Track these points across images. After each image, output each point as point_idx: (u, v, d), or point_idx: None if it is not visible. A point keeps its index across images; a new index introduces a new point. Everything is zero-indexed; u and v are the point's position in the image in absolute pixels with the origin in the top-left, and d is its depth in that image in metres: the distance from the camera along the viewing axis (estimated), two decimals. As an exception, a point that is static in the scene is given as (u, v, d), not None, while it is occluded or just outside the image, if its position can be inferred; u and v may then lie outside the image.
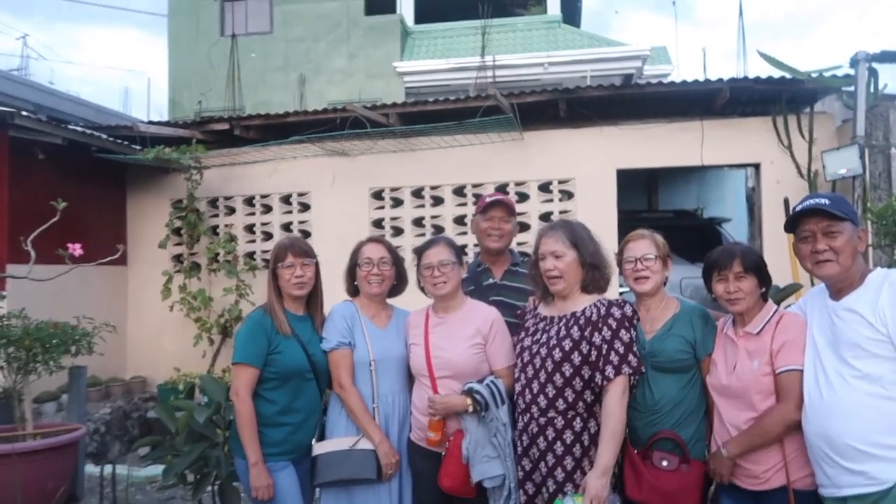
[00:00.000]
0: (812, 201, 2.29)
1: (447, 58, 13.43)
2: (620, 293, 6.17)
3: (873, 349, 2.13)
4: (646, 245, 2.67)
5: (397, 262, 2.95)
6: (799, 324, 2.40)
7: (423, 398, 2.72)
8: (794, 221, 2.32)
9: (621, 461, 2.57)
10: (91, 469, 4.78)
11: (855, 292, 2.23)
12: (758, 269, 2.45)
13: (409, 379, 2.91)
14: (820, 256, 2.24)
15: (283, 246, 2.86)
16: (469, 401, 2.58)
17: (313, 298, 2.94)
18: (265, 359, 2.71)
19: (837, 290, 2.28)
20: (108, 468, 4.16)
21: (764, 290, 2.48)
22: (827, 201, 2.25)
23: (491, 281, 3.19)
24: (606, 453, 2.35)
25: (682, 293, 5.67)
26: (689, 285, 6.61)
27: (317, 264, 2.90)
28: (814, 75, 5.56)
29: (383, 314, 2.95)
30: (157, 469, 5.03)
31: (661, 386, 2.58)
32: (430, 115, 6.30)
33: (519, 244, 6.32)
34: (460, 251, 2.90)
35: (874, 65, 5.44)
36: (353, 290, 2.97)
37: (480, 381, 2.63)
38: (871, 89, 5.45)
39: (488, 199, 3.22)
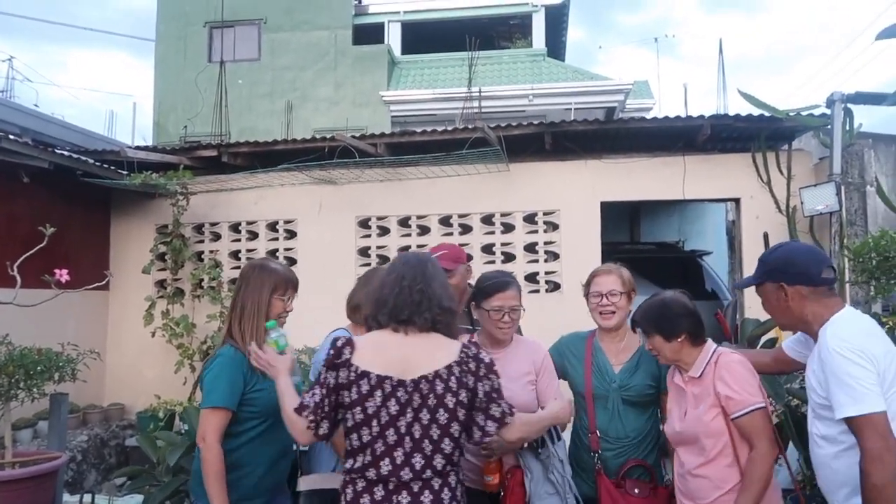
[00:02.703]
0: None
1: (433, 88, 13.61)
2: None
3: (821, 412, 2.14)
4: (612, 281, 2.74)
5: None
6: (736, 361, 2.38)
7: None
8: None
9: (597, 490, 2.66)
10: (68, 498, 4.68)
11: (816, 347, 2.20)
12: (652, 325, 2.46)
13: None
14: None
15: (287, 279, 2.64)
16: None
17: None
18: (240, 399, 2.45)
19: (812, 336, 2.26)
20: (86, 497, 4.08)
21: (683, 336, 2.42)
22: (754, 270, 2.36)
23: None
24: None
25: (665, 325, 5.74)
26: (671, 317, 6.68)
27: None
28: (791, 114, 5.72)
29: None
30: (134, 499, 4.94)
31: (631, 418, 2.68)
32: (417, 145, 6.38)
33: (504, 274, 6.38)
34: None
35: (849, 105, 5.61)
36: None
37: None
38: (847, 128, 5.62)
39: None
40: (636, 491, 2.57)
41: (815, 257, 2.26)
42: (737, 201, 6.27)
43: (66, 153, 6.07)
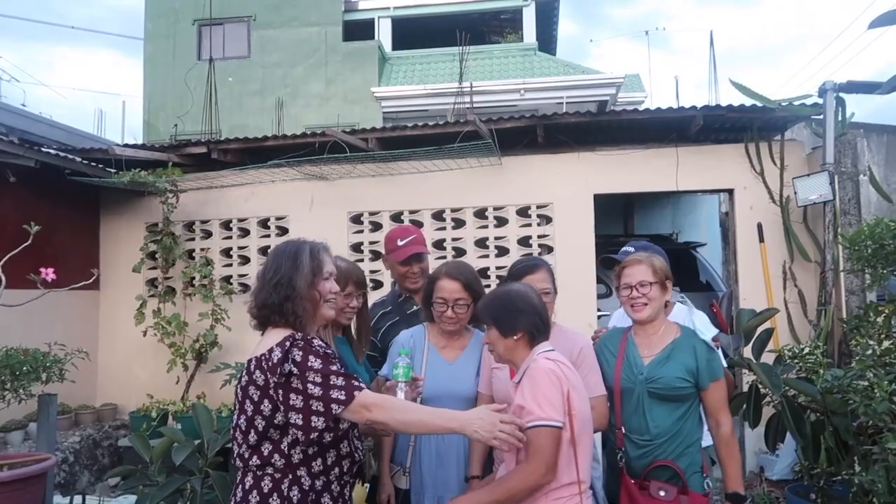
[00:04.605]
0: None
1: (425, 83, 13.56)
2: (599, 316, 6.20)
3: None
4: (642, 271, 2.59)
5: (477, 297, 2.67)
6: (543, 370, 2.13)
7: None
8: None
9: (617, 491, 2.51)
10: (59, 500, 4.63)
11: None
12: (490, 317, 2.28)
13: None
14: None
15: (347, 274, 2.67)
16: None
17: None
18: None
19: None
20: (77, 498, 4.03)
21: (520, 335, 2.21)
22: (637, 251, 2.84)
23: (415, 308, 3.15)
24: None
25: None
26: (666, 309, 6.66)
27: None
28: (784, 104, 5.69)
29: (456, 344, 2.77)
30: (128, 499, 4.89)
31: (657, 415, 2.50)
32: (409, 139, 6.33)
33: (498, 268, 6.35)
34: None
35: (841, 94, 5.59)
36: (430, 315, 2.80)
37: None
38: (839, 118, 5.59)
39: (401, 248, 3.14)
40: (662, 493, 2.39)
41: None
42: (730, 192, 6.24)
43: (52, 152, 6.00)
